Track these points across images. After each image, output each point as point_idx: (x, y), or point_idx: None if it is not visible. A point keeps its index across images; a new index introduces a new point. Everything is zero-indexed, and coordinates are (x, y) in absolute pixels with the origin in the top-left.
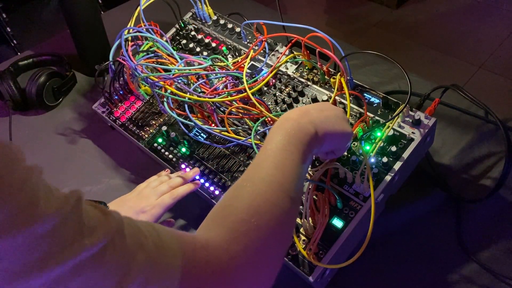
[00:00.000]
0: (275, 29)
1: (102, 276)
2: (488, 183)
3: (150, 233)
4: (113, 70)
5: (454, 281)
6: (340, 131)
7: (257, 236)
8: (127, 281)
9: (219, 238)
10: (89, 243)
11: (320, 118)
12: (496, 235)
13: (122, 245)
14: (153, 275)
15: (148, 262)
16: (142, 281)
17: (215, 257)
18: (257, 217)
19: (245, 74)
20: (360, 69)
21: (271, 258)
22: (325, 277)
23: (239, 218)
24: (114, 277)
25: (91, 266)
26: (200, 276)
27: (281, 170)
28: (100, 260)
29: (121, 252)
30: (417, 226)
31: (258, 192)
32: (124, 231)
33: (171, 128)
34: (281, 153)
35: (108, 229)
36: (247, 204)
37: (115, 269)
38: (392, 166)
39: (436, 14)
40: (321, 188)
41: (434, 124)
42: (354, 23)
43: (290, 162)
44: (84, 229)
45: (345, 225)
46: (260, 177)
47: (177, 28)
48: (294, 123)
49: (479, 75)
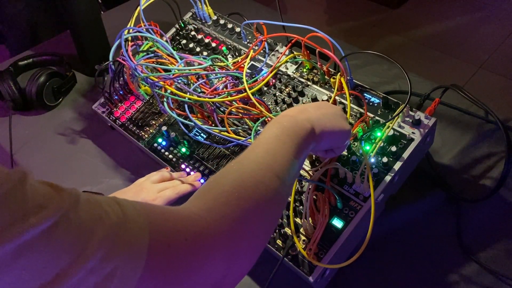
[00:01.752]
0: (275, 29)
1: (54, 254)
2: (488, 183)
3: (112, 208)
4: (113, 70)
5: (454, 281)
6: (338, 129)
7: (238, 207)
8: (84, 257)
9: (196, 208)
10: (35, 221)
11: (317, 115)
12: (496, 235)
13: (78, 221)
14: (114, 250)
15: (108, 237)
16: (101, 257)
17: (191, 224)
18: (240, 190)
19: (245, 74)
20: (360, 69)
21: (252, 233)
22: (325, 277)
23: (221, 190)
24: (68, 254)
25: (40, 245)
26: (172, 246)
27: (272, 155)
28: (49, 238)
29: (77, 228)
30: (417, 226)
31: (245, 170)
32: (80, 206)
33: (171, 128)
34: (274, 141)
35: (59, 205)
36: (231, 179)
37: (69, 246)
38: (392, 166)
39: (436, 14)
40: (321, 188)
41: (434, 124)
42: (354, 23)
43: (283, 151)
44: (29, 206)
45: (345, 225)
46: (249, 159)
47: (177, 28)
48: (291, 119)
49: (479, 75)
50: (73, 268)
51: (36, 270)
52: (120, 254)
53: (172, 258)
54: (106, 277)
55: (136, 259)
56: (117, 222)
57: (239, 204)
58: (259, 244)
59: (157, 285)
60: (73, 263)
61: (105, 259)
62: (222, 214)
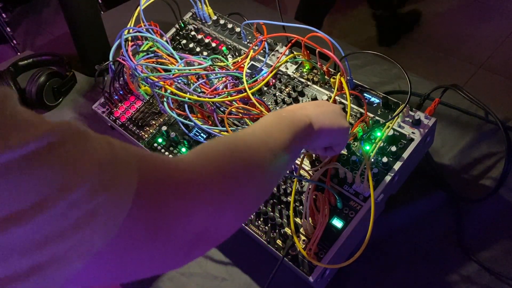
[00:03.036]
0: (275, 29)
1: (33, 182)
2: (488, 183)
3: (102, 145)
4: (113, 70)
5: (454, 281)
6: (337, 126)
7: (229, 165)
8: (67, 189)
9: (188, 159)
10: (14, 144)
11: (316, 112)
12: (496, 235)
13: (63, 151)
14: (100, 187)
15: (95, 172)
16: (86, 191)
17: (181, 173)
18: (234, 153)
19: (245, 74)
20: (360, 69)
21: (240, 193)
22: (325, 277)
23: (215, 149)
24: (50, 184)
25: (17, 171)
26: (160, 191)
27: (269, 134)
28: (29, 165)
29: (61, 159)
30: (417, 226)
31: (241, 138)
32: (68, 137)
33: (171, 128)
34: (272, 125)
35: (45, 132)
36: (226, 143)
37: (52, 175)
38: (392, 166)
39: (436, 14)
40: (321, 188)
41: (434, 124)
42: (354, 23)
43: (280, 134)
44: (8, 127)
45: (345, 225)
46: (245, 132)
47: (177, 28)
48: (289, 112)
49: (479, 75)
50: (54, 198)
51: (13, 196)
52: (106, 192)
53: (159, 203)
54: (89, 213)
55: (122, 200)
56: (105, 160)
57: (231, 163)
58: (246, 208)
59: (141, 229)
60: (55, 194)
61: (89, 195)
62: (213, 169)
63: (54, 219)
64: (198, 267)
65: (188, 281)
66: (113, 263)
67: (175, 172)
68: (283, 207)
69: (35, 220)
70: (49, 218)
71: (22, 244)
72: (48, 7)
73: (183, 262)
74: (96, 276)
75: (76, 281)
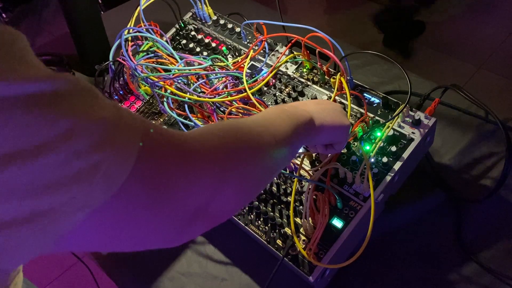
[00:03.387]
0: (275, 29)
1: (35, 123)
2: (488, 183)
3: (109, 106)
4: (113, 70)
5: (454, 281)
6: (338, 123)
7: (233, 144)
8: (69, 137)
9: (193, 133)
10: (17, 81)
11: (317, 109)
12: (496, 235)
13: (69, 100)
14: (103, 142)
15: (99, 127)
16: (89, 144)
17: (185, 144)
18: (237, 134)
19: (245, 74)
20: (360, 69)
21: (242, 172)
22: (325, 277)
23: (218, 128)
24: (52, 128)
25: (20, 109)
26: (164, 157)
27: (270, 123)
28: (32, 105)
29: (66, 107)
30: (417, 226)
31: (243, 123)
32: (75, 90)
33: (171, 128)
34: (274, 116)
35: (50, 78)
36: (229, 125)
37: (54, 121)
38: (392, 166)
39: (435, 14)
40: (321, 188)
41: (434, 124)
42: (354, 23)
43: (281, 123)
44: (15, 64)
45: (345, 225)
46: (247, 119)
47: (177, 28)
48: (291, 107)
49: (479, 75)
50: (57, 144)
51: (15, 133)
52: (109, 148)
53: (161, 169)
54: (92, 166)
55: (125, 158)
56: (111, 118)
57: (235, 142)
58: (246, 189)
59: (141, 192)
60: (59, 139)
61: (93, 148)
62: (218, 144)
63: (56, 165)
64: (198, 267)
65: (188, 281)
66: (109, 224)
67: (180, 142)
68: (283, 207)
69: (36, 163)
70: (50, 163)
71: (20, 187)
72: (48, 7)
73: (181, 238)
74: (90, 239)
75: (70, 239)
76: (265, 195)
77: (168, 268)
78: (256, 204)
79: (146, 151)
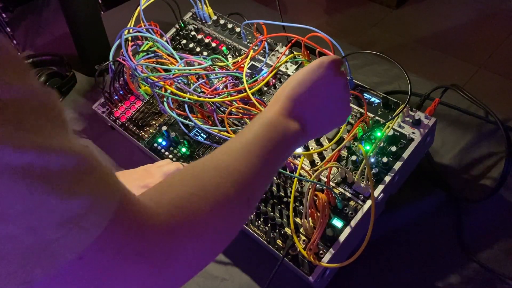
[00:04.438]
0: (275, 29)
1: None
2: (488, 183)
3: (100, 168)
4: (113, 70)
5: (454, 281)
6: (332, 127)
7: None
8: (73, 194)
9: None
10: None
11: (313, 112)
12: (496, 235)
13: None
14: (95, 201)
15: (93, 189)
16: (87, 204)
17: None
18: (197, 191)
19: (245, 74)
20: (360, 69)
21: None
22: (325, 277)
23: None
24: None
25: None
26: (130, 224)
27: (237, 170)
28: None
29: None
30: (417, 226)
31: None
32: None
33: (171, 128)
34: (247, 154)
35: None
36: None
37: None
38: (392, 166)
39: (436, 14)
40: (321, 188)
41: (434, 124)
42: (354, 23)
43: (258, 159)
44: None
45: (345, 225)
46: (209, 168)
47: (177, 28)
48: (279, 122)
49: (479, 75)
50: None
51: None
52: (93, 190)
53: (132, 233)
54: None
55: (105, 209)
56: (100, 181)
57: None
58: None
59: (112, 247)
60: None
61: (88, 207)
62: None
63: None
64: None
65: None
66: (84, 278)
67: (143, 209)
68: (283, 207)
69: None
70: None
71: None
72: (48, 7)
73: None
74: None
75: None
76: (265, 195)
77: None
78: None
79: (120, 213)
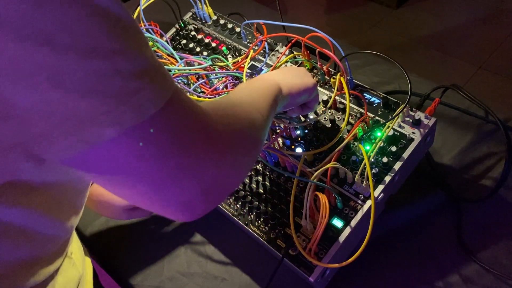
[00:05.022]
0: (275, 29)
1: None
2: (488, 183)
3: (154, 57)
4: None
5: (454, 281)
6: (304, 86)
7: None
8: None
9: (207, 108)
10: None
11: (283, 77)
12: (496, 235)
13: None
14: (144, 74)
15: (147, 62)
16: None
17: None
18: (235, 111)
19: (245, 74)
20: (360, 69)
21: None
22: (325, 277)
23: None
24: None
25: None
26: (187, 116)
27: (253, 98)
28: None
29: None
30: (417, 226)
31: (238, 101)
32: (139, 29)
33: None
34: (252, 92)
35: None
36: (229, 103)
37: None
38: (392, 166)
39: (436, 14)
40: (321, 188)
41: (434, 124)
42: (354, 23)
43: (259, 99)
44: None
45: (345, 225)
46: (236, 97)
47: (177, 28)
48: (261, 81)
49: (479, 75)
50: (104, 54)
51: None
52: (147, 81)
53: (185, 123)
54: (131, 89)
55: (158, 97)
56: (154, 61)
57: (236, 123)
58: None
59: (165, 132)
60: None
61: (134, 74)
62: (225, 123)
63: (99, 74)
64: (198, 267)
65: (188, 281)
66: (132, 153)
67: (201, 111)
68: (283, 207)
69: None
70: (93, 69)
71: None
72: None
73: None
74: (111, 165)
75: (93, 155)
76: (265, 195)
77: (168, 268)
78: (256, 204)
79: (175, 102)
